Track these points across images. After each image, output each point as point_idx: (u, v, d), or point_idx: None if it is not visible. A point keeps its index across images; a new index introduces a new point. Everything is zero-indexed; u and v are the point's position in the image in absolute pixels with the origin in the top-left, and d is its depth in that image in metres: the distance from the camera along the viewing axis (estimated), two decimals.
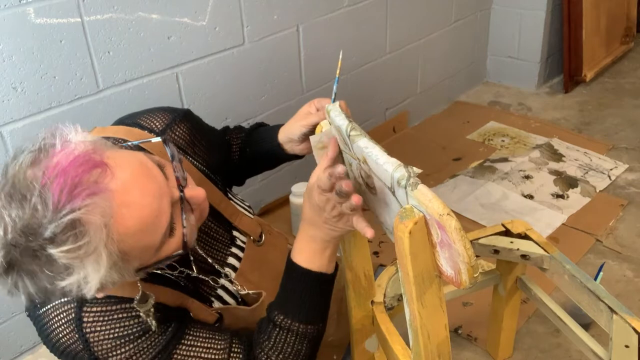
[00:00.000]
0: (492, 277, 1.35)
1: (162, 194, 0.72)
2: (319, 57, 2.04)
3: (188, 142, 1.00)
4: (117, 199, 0.68)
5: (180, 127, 0.99)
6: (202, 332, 0.88)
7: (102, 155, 0.70)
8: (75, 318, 0.79)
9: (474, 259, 0.69)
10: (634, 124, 2.53)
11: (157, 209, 0.71)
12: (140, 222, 0.70)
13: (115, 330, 0.80)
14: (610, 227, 1.92)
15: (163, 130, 0.96)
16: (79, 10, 1.38)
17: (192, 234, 0.78)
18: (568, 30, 2.71)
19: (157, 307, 0.84)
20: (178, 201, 0.76)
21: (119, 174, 0.69)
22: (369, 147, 0.78)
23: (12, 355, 1.56)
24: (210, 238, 0.99)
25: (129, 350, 0.81)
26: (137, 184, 0.70)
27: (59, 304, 0.80)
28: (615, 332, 1.02)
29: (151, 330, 0.82)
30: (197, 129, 1.03)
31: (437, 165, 2.31)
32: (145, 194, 0.70)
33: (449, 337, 0.83)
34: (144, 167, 0.73)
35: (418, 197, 0.70)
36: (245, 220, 1.04)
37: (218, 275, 0.98)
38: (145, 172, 0.72)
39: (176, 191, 0.75)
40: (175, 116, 1.00)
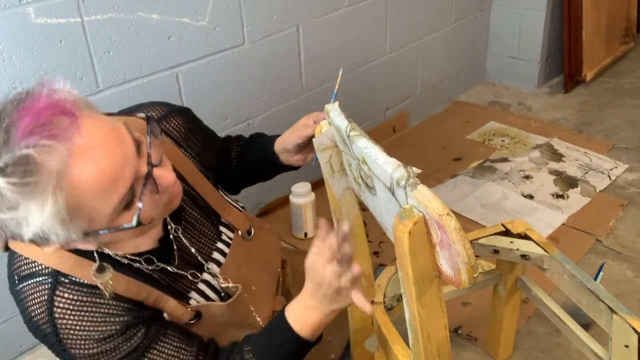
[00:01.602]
0: (492, 277, 1.35)
1: (126, 162, 0.72)
2: (319, 57, 2.04)
3: (182, 135, 1.00)
4: (77, 152, 0.68)
5: (176, 119, 1.00)
6: (170, 345, 0.88)
7: (78, 110, 0.71)
8: (47, 300, 0.80)
9: (474, 259, 0.69)
10: (634, 124, 2.53)
11: (116, 174, 0.71)
12: (95, 182, 0.70)
13: (83, 324, 0.81)
14: (610, 227, 1.92)
15: (158, 120, 0.97)
16: (79, 10, 1.38)
17: (149, 212, 0.77)
18: (568, 30, 2.71)
19: (131, 308, 0.85)
20: (144, 177, 0.75)
21: (88, 130, 0.70)
22: (368, 147, 0.78)
23: (12, 355, 1.56)
24: (196, 230, 0.98)
25: (93, 347, 0.81)
26: (103, 145, 0.71)
27: (35, 282, 0.81)
28: (615, 332, 1.02)
29: (120, 332, 0.83)
30: (194, 125, 1.04)
31: (437, 165, 2.31)
32: (108, 156, 0.71)
33: (449, 337, 0.83)
34: (116, 132, 0.73)
35: (417, 197, 0.70)
36: (234, 213, 1.03)
37: (201, 268, 0.97)
38: (116, 137, 0.73)
39: (145, 167, 0.75)
40: (172, 109, 1.01)
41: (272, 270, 1.10)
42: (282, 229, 1.97)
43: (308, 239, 1.92)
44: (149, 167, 0.75)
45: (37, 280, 0.81)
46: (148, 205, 0.76)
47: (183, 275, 0.94)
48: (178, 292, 0.93)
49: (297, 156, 1.09)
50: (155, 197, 0.77)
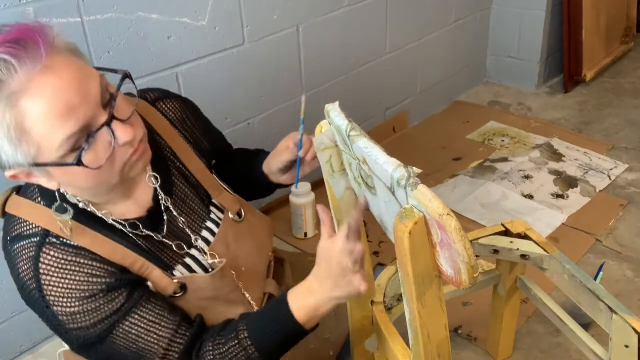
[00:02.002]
0: (492, 277, 1.35)
1: (83, 102, 0.74)
2: (319, 57, 2.04)
3: (178, 117, 1.02)
4: (38, 79, 0.71)
5: (173, 102, 1.02)
6: (152, 312, 0.88)
7: (55, 46, 0.75)
8: (34, 257, 0.82)
9: (474, 259, 0.69)
10: (634, 124, 2.53)
11: (69, 109, 0.73)
12: (46, 110, 0.72)
13: (66, 282, 0.82)
14: (610, 227, 1.92)
15: (154, 100, 0.99)
16: (79, 10, 1.38)
17: (98, 159, 0.78)
18: (568, 30, 2.71)
19: (115, 271, 0.86)
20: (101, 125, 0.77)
21: (56, 64, 0.73)
22: (368, 148, 0.78)
23: (12, 355, 1.56)
24: (186, 206, 0.98)
25: (74, 306, 0.83)
26: (65, 79, 0.73)
27: (25, 242, 0.83)
28: (615, 332, 1.02)
29: (102, 293, 0.83)
30: (192, 113, 1.06)
31: (437, 165, 2.31)
32: (66, 90, 0.73)
33: (449, 337, 0.83)
34: (85, 76, 0.76)
35: (418, 197, 0.70)
36: (225, 195, 1.03)
37: (189, 243, 0.97)
38: (82, 78, 0.75)
39: (104, 117, 0.77)
40: (170, 94, 1.03)
41: (262, 253, 1.09)
42: (282, 229, 1.97)
43: (308, 239, 1.92)
44: (109, 116, 0.77)
45: (27, 240, 0.84)
46: (97, 152, 0.78)
47: (168, 245, 0.94)
48: (164, 262, 0.93)
49: (285, 176, 1.10)
50: (113, 150, 0.79)
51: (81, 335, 0.84)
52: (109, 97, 0.79)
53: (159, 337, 0.87)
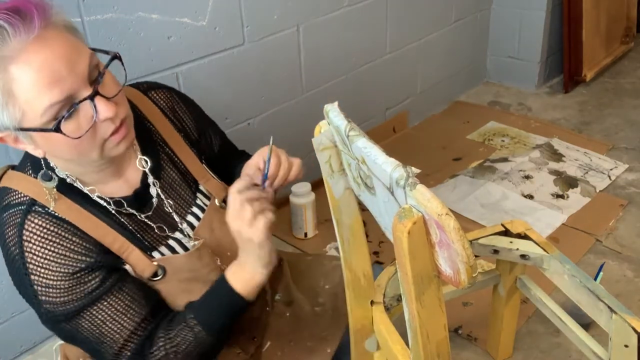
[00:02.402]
0: (492, 277, 1.35)
1: (70, 73, 0.78)
2: (319, 57, 2.04)
3: (169, 106, 1.04)
4: (30, 45, 0.75)
5: (164, 92, 1.04)
6: (120, 302, 0.90)
7: (51, 20, 0.78)
8: (19, 223, 0.85)
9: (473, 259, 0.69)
10: (634, 124, 2.53)
11: (55, 77, 0.76)
12: (33, 76, 0.75)
13: (46, 252, 0.85)
14: (610, 227, 1.92)
15: (145, 90, 1.02)
16: (79, 10, 1.39)
17: (78, 128, 0.81)
18: (568, 30, 2.71)
19: (94, 250, 0.88)
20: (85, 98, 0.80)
21: (49, 36, 0.77)
22: (367, 147, 0.78)
23: (12, 355, 1.56)
24: (173, 191, 1.00)
25: (50, 278, 0.85)
26: (55, 51, 0.77)
27: (14, 210, 0.86)
28: (615, 332, 1.02)
29: (78, 273, 0.86)
30: (184, 103, 1.07)
31: (437, 165, 2.31)
32: (53, 60, 0.76)
33: (449, 337, 0.83)
34: (75, 50, 0.79)
35: (417, 197, 0.70)
36: (212, 182, 1.05)
37: (174, 226, 0.98)
38: (71, 52, 0.78)
39: (89, 91, 0.80)
40: (162, 85, 1.06)
41: None
42: (282, 229, 1.97)
43: (308, 239, 1.93)
44: (93, 91, 0.80)
45: (15, 208, 0.86)
46: (79, 123, 0.80)
47: (151, 226, 0.95)
48: (144, 243, 0.94)
49: None
50: (94, 124, 0.81)
51: (50, 310, 0.86)
52: (97, 75, 0.82)
53: (122, 327, 0.90)
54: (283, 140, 2.08)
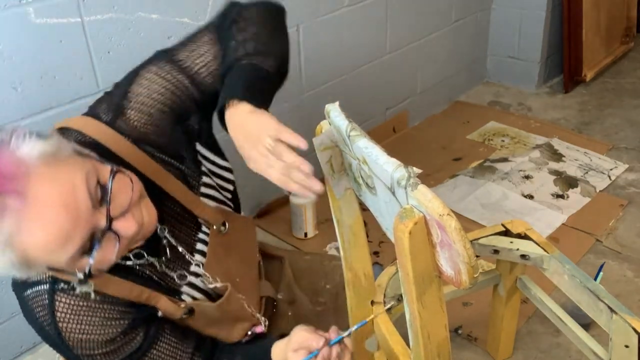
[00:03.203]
0: (492, 277, 1.35)
1: (76, 224, 0.73)
2: (319, 57, 2.04)
3: (140, 133, 0.93)
4: (25, 212, 0.70)
5: (126, 119, 0.92)
6: (168, 345, 0.91)
7: (30, 174, 0.71)
8: (48, 305, 0.84)
9: (474, 259, 0.69)
10: (634, 124, 2.53)
11: (64, 238, 0.72)
12: (43, 245, 0.72)
13: (84, 327, 0.84)
14: (610, 227, 1.92)
15: (111, 120, 0.92)
16: (79, 10, 1.38)
17: (107, 261, 0.78)
18: (568, 30, 2.71)
19: (128, 310, 0.87)
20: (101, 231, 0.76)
21: (37, 194, 0.70)
22: (368, 148, 0.78)
23: (12, 355, 1.56)
24: (178, 222, 0.98)
25: (94, 348, 0.85)
26: (51, 212, 0.71)
27: (37, 289, 0.84)
28: (615, 332, 1.02)
29: (120, 336, 0.86)
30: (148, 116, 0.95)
31: (437, 165, 2.31)
32: (55, 223, 0.71)
33: (449, 337, 0.83)
34: (69, 192, 0.73)
35: (418, 197, 0.70)
36: (207, 210, 1.01)
37: (188, 263, 0.98)
38: (67, 198, 0.72)
39: (103, 220, 0.75)
40: (119, 102, 0.93)
41: (251, 258, 1.10)
42: (282, 229, 1.97)
43: (308, 239, 1.93)
44: (107, 221, 0.76)
45: (37, 288, 0.84)
46: (104, 252, 0.77)
47: (170, 275, 0.95)
48: (169, 288, 0.94)
49: None
50: (118, 244, 0.78)
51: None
52: (102, 192, 0.76)
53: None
54: None
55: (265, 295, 1.10)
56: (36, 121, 1.39)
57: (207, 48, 1.00)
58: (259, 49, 0.97)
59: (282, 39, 1.09)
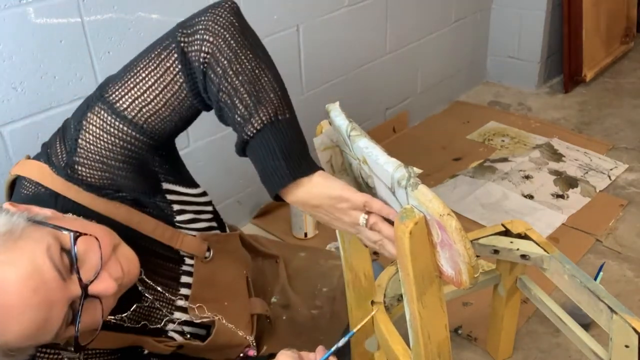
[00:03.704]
0: (492, 277, 1.35)
1: (51, 304, 0.69)
2: (319, 57, 2.04)
3: (97, 177, 0.85)
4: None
5: (78, 168, 0.85)
6: None
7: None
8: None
9: (475, 259, 0.69)
10: (634, 124, 2.53)
11: (42, 320, 0.69)
12: (22, 336, 0.68)
13: None
14: (610, 227, 1.92)
15: (66, 175, 0.84)
16: (79, 11, 1.38)
17: (91, 325, 0.75)
18: (568, 30, 2.71)
19: (113, 358, 0.86)
20: (79, 298, 0.72)
21: (2, 286, 0.67)
22: (369, 147, 0.78)
23: None
24: (158, 259, 0.94)
25: None
26: (20, 301, 0.67)
27: None
28: (615, 332, 1.02)
29: None
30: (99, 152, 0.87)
31: (437, 165, 2.31)
32: (27, 311, 0.67)
33: (449, 337, 0.83)
34: (35, 274, 0.68)
35: (418, 197, 0.70)
36: (187, 240, 0.95)
37: (171, 300, 0.95)
38: (35, 283, 0.68)
39: (77, 288, 0.72)
40: (69, 159, 0.85)
41: (239, 277, 1.07)
42: (282, 229, 1.97)
43: (308, 239, 1.92)
44: (82, 291, 0.72)
45: None
46: (89, 317, 0.74)
47: (154, 316, 0.94)
48: (155, 329, 0.93)
49: None
50: (101, 305, 0.75)
51: None
52: (68, 258, 0.72)
53: None
54: None
55: (255, 312, 1.07)
56: (36, 121, 1.39)
57: (158, 91, 0.87)
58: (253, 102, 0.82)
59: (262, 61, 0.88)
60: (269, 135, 0.80)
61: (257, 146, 0.81)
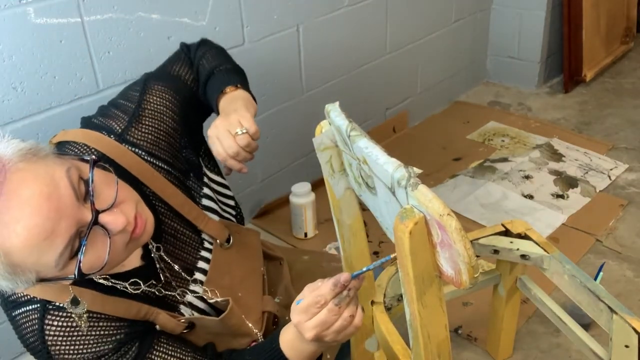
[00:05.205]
0: (492, 277, 1.35)
1: (60, 216, 0.69)
2: (319, 57, 2.04)
3: (151, 142, 0.95)
4: (3, 209, 0.67)
5: (139, 127, 0.95)
6: (165, 354, 0.89)
7: (7, 169, 0.69)
8: (38, 329, 0.81)
9: (475, 259, 0.69)
10: (634, 124, 2.53)
11: (48, 231, 0.68)
12: (26, 242, 0.68)
13: (75, 348, 0.82)
14: (610, 227, 1.92)
15: (121, 133, 0.93)
16: (79, 10, 1.38)
17: (99, 259, 0.75)
18: (568, 30, 2.71)
19: (123, 325, 0.85)
20: (88, 226, 0.73)
21: (16, 189, 0.68)
22: (369, 148, 0.78)
23: (12, 355, 1.56)
24: (178, 241, 0.97)
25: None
26: (31, 203, 0.68)
27: (25, 311, 0.82)
28: (615, 332, 1.02)
29: (115, 350, 0.84)
30: (166, 124, 0.99)
31: (437, 165, 2.31)
32: (36, 215, 0.68)
33: (449, 337, 0.83)
34: (50, 185, 0.69)
35: (418, 198, 0.70)
36: (211, 223, 1.00)
37: (187, 280, 0.97)
38: (48, 192, 0.69)
39: (89, 214, 0.72)
40: (132, 116, 0.95)
41: (255, 272, 1.09)
42: (282, 229, 1.97)
43: (308, 239, 1.92)
44: (93, 214, 0.72)
45: (27, 308, 0.82)
46: (96, 249, 0.74)
47: (169, 291, 0.94)
48: (167, 304, 0.93)
49: None
50: (110, 241, 0.75)
51: None
52: (86, 189, 0.74)
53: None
54: (283, 140, 2.09)
55: (267, 310, 1.09)
56: (36, 121, 1.39)
57: (187, 68, 1.10)
58: (224, 61, 1.12)
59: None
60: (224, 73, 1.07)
61: (217, 72, 1.07)
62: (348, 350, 1.18)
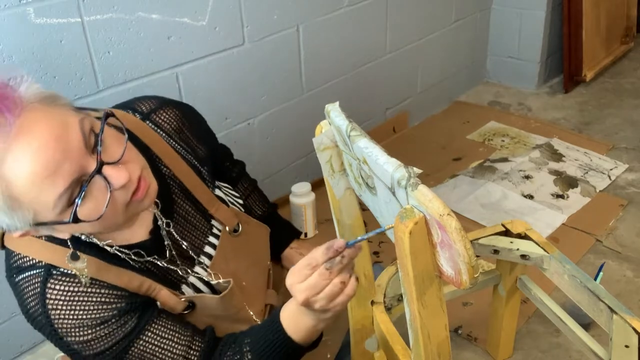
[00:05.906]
0: (492, 277, 1.35)
1: (66, 157, 0.71)
2: (319, 57, 2.04)
3: (174, 128, 1.00)
4: (13, 140, 0.69)
5: (167, 112, 1.00)
6: (164, 328, 0.89)
7: (24, 104, 0.71)
8: (40, 292, 0.82)
9: (475, 259, 0.69)
10: (634, 124, 2.53)
11: (52, 169, 0.70)
12: (29, 176, 0.70)
13: (75, 313, 0.82)
14: (610, 227, 1.92)
15: (148, 113, 0.97)
16: (79, 10, 1.38)
17: (95, 210, 0.76)
18: (568, 30, 2.71)
19: (124, 294, 0.86)
20: (91, 174, 0.75)
21: (29, 125, 0.70)
22: (369, 148, 0.78)
23: (12, 355, 1.56)
24: (188, 223, 0.98)
25: (87, 334, 0.83)
26: (41, 140, 0.70)
27: (29, 275, 0.83)
28: (615, 332, 1.02)
29: (113, 319, 0.84)
30: (190, 120, 1.04)
31: (437, 165, 2.31)
32: (43, 151, 0.70)
33: (449, 337, 0.83)
34: (61, 128, 0.72)
35: (418, 198, 0.70)
36: (222, 209, 1.03)
37: (192, 261, 0.98)
38: (59, 133, 0.72)
39: (94, 164, 0.74)
40: (166, 102, 1.01)
41: (261, 264, 1.10)
42: None
43: (308, 239, 1.92)
44: (98, 163, 0.74)
45: (30, 273, 0.83)
46: (95, 200, 0.75)
47: (173, 268, 0.94)
48: (170, 281, 0.94)
49: None
50: (109, 195, 0.76)
51: (99, 357, 0.84)
52: (95, 141, 0.75)
53: (174, 353, 0.89)
54: (284, 140, 2.09)
55: (269, 303, 1.09)
56: None
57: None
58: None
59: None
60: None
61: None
62: (348, 350, 1.18)
